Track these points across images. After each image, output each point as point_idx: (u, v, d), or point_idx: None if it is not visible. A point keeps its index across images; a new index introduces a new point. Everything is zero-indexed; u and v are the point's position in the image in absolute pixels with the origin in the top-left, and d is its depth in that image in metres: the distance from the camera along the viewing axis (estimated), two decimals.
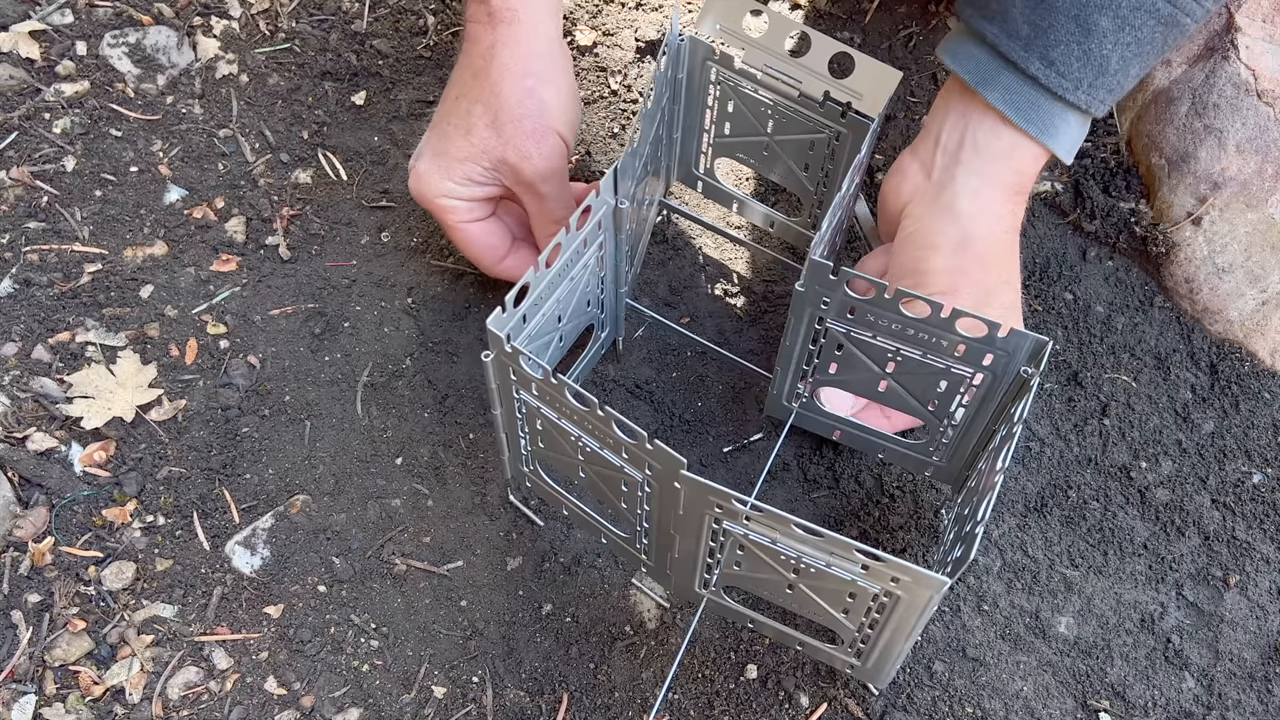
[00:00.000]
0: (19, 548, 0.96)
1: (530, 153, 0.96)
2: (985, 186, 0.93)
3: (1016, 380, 0.85)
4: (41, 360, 1.05)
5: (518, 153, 0.96)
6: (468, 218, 1.02)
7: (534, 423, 0.87)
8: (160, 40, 1.25)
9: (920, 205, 0.95)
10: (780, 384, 1.00)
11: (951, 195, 0.93)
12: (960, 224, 0.92)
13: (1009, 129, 0.91)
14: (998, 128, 0.91)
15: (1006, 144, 0.91)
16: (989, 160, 0.92)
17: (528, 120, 0.96)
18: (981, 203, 0.92)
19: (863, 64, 0.96)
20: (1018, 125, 0.90)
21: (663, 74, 0.97)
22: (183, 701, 0.91)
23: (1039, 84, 0.89)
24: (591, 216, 0.90)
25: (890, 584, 0.74)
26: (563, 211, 1.00)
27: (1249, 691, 0.95)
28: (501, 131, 0.96)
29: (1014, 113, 0.90)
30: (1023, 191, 0.94)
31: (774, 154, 1.07)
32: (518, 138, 0.96)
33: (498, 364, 0.83)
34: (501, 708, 0.92)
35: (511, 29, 0.96)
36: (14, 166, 1.16)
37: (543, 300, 0.89)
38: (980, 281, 0.92)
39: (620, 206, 0.92)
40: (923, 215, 0.94)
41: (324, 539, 0.99)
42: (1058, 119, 0.90)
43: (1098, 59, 0.87)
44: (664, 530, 0.84)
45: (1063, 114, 0.90)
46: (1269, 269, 1.11)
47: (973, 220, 0.92)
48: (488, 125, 0.97)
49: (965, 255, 0.92)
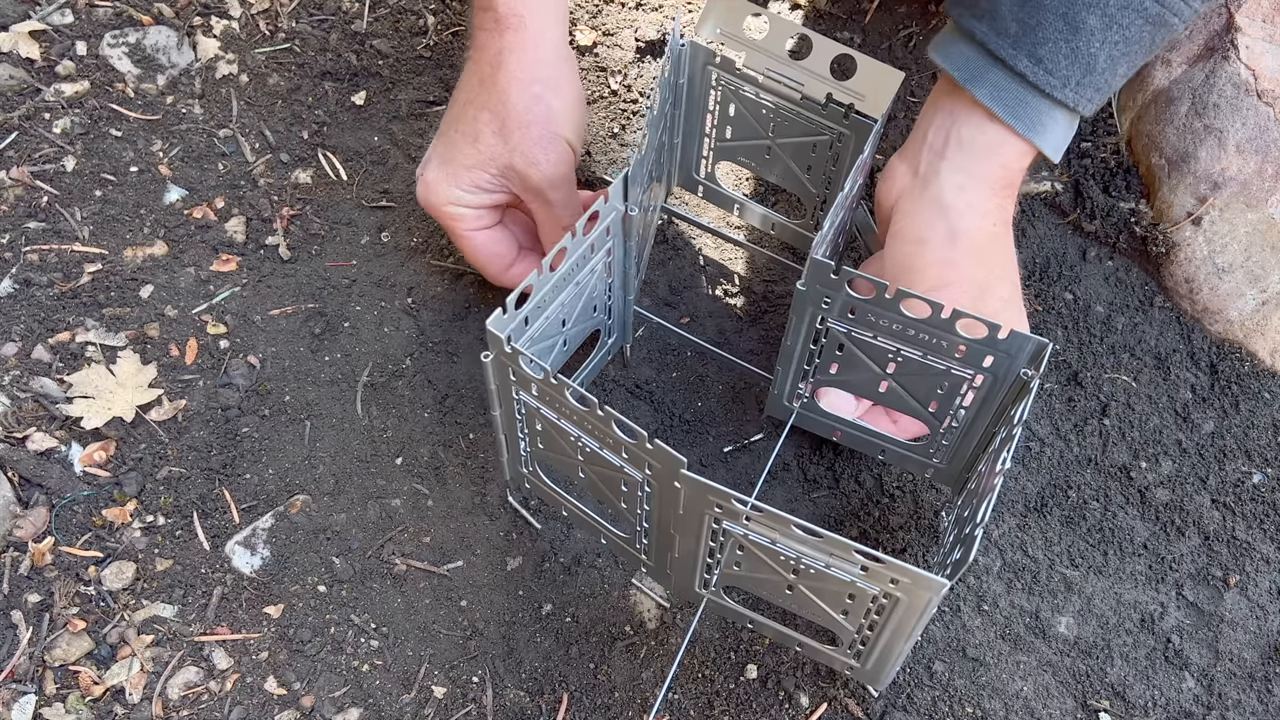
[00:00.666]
0: (19, 548, 0.96)
1: (538, 159, 0.96)
2: (971, 181, 0.92)
3: (1016, 382, 0.85)
4: (41, 360, 1.05)
5: (525, 159, 0.96)
6: (475, 225, 1.02)
7: (533, 423, 0.87)
8: (160, 40, 1.25)
9: (909, 201, 0.95)
10: (781, 384, 1.00)
11: (937, 190, 0.93)
12: (947, 218, 0.92)
13: (995, 125, 0.91)
14: (983, 124, 0.91)
15: (992, 139, 0.91)
16: (974, 156, 0.92)
17: (535, 127, 0.96)
18: (967, 197, 0.92)
19: (864, 65, 0.96)
20: (1004, 121, 0.90)
21: (666, 79, 0.97)
22: (183, 701, 0.91)
23: (1027, 81, 0.89)
24: (600, 222, 0.90)
25: (889, 585, 0.74)
26: (571, 218, 1.00)
27: (1249, 691, 0.96)
28: (509, 139, 0.96)
29: (1001, 109, 0.90)
30: (1010, 186, 0.94)
31: (776, 156, 1.07)
32: (525, 144, 0.96)
33: (497, 365, 0.83)
34: (501, 708, 0.92)
35: (519, 35, 0.96)
36: (14, 166, 1.16)
37: (546, 303, 0.89)
38: (971, 276, 0.91)
39: (630, 213, 0.92)
40: (910, 211, 0.94)
41: (324, 539, 0.99)
42: (1045, 116, 0.90)
43: (1085, 57, 0.88)
44: (664, 530, 0.84)
45: (1050, 111, 0.90)
46: (1269, 269, 1.11)
47: (960, 215, 0.92)
48: (495, 133, 0.97)
49: (954, 249, 0.92)
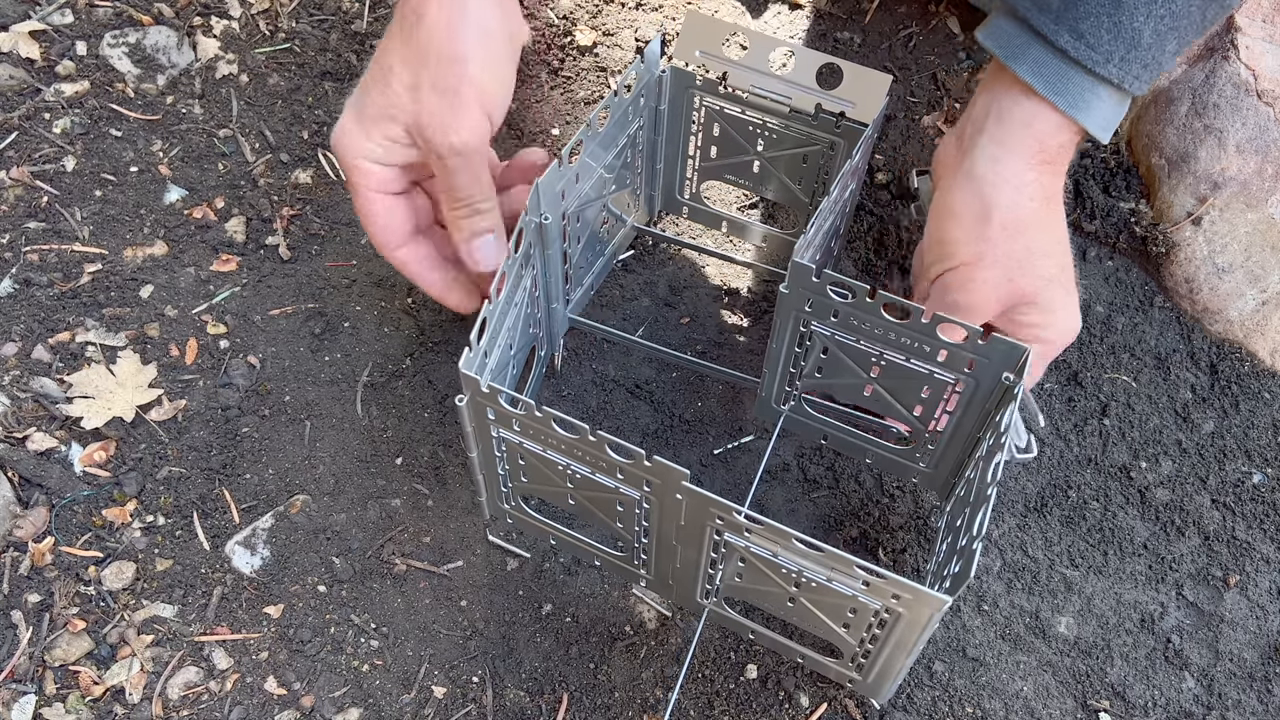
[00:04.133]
0: (19, 548, 0.96)
1: (446, 123, 0.90)
2: (1005, 154, 0.91)
3: (999, 387, 0.85)
4: (41, 360, 1.05)
5: (433, 120, 0.90)
6: (380, 186, 0.96)
7: (515, 459, 0.85)
8: (160, 40, 1.25)
9: (947, 176, 0.94)
10: (768, 387, 1.00)
11: (971, 163, 0.91)
12: (981, 193, 0.91)
13: (1031, 99, 0.89)
14: (1020, 98, 0.90)
15: (1026, 112, 0.90)
16: (1009, 128, 0.91)
17: (449, 92, 0.90)
18: (1001, 170, 0.91)
19: (851, 72, 0.96)
20: (1041, 95, 0.88)
21: (625, 101, 0.96)
22: (183, 701, 0.91)
23: (1068, 57, 0.87)
24: (524, 237, 0.89)
25: (891, 600, 0.73)
26: (472, 194, 0.94)
27: (1249, 691, 0.95)
28: (419, 96, 0.90)
29: (1041, 84, 0.88)
30: (1050, 162, 0.92)
31: (765, 171, 1.07)
32: (435, 104, 0.90)
33: (474, 406, 0.81)
34: (501, 708, 0.92)
35: None
36: (14, 166, 1.16)
37: (498, 331, 0.88)
38: (1009, 252, 0.90)
39: (544, 221, 0.91)
40: (949, 186, 0.93)
41: (324, 539, 0.99)
42: (1088, 93, 0.89)
43: (1129, 32, 0.86)
44: (665, 542, 0.84)
45: (1094, 88, 0.89)
46: (1269, 269, 1.11)
47: (994, 188, 0.90)
48: (406, 86, 0.90)
49: (988, 224, 0.90)
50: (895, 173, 1.24)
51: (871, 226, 1.20)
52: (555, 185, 0.91)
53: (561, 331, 1.07)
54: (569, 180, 0.94)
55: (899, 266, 1.18)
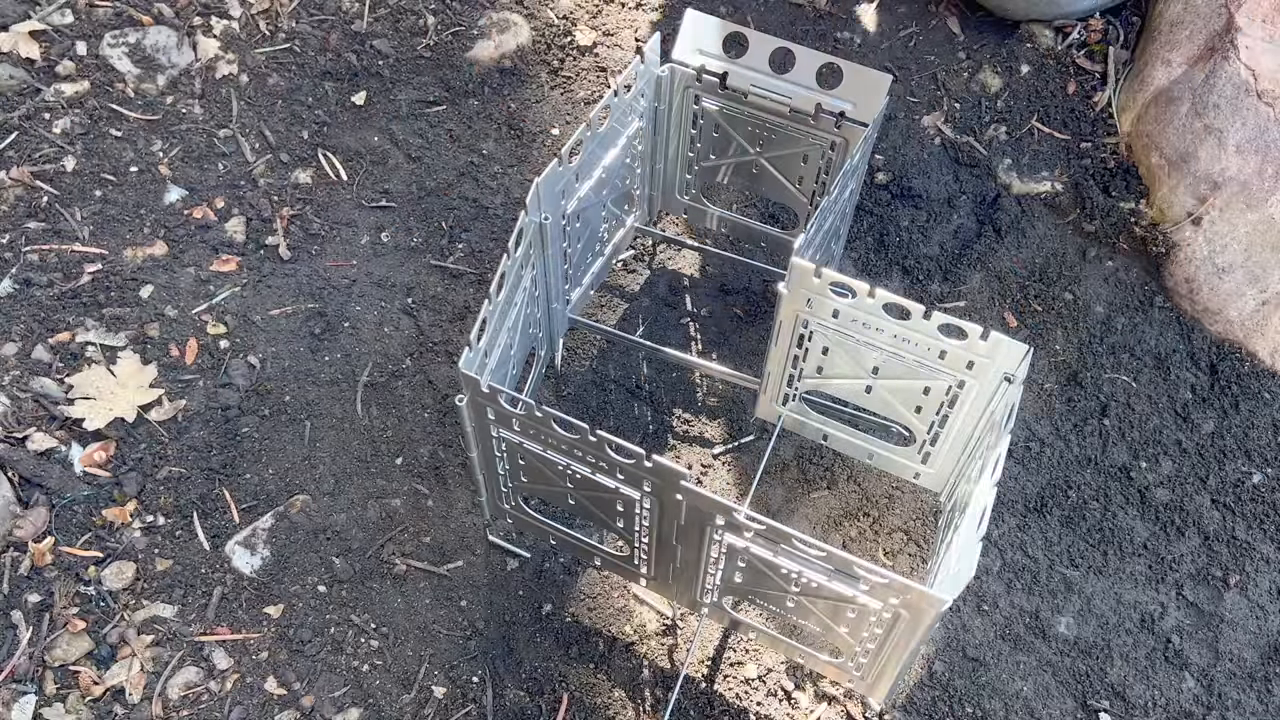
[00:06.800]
0: (19, 548, 0.96)
1: None
2: None
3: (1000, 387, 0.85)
4: (41, 360, 1.05)
5: None
6: None
7: (515, 458, 0.85)
8: (160, 40, 1.25)
9: None
10: (768, 387, 1.00)
11: None
12: None
13: None
14: None
15: None
16: None
17: None
18: None
19: (851, 72, 0.96)
20: None
21: (626, 101, 0.96)
22: (183, 701, 0.91)
23: None
24: (524, 237, 0.89)
25: (891, 601, 0.73)
26: None
27: (1249, 691, 0.95)
28: None
29: None
30: None
31: (764, 171, 1.07)
32: None
33: (474, 406, 0.81)
34: (501, 708, 0.92)
35: None
36: (14, 166, 1.16)
37: (497, 331, 0.88)
38: None
39: (544, 222, 0.91)
40: None
41: (324, 539, 0.99)
42: None
43: None
44: (665, 541, 0.83)
45: None
46: (1269, 269, 1.11)
47: None
48: None
49: None
50: (895, 173, 1.24)
51: (871, 226, 1.20)
52: (555, 185, 0.91)
53: (561, 331, 1.07)
54: (569, 180, 0.94)
55: (899, 266, 1.18)
